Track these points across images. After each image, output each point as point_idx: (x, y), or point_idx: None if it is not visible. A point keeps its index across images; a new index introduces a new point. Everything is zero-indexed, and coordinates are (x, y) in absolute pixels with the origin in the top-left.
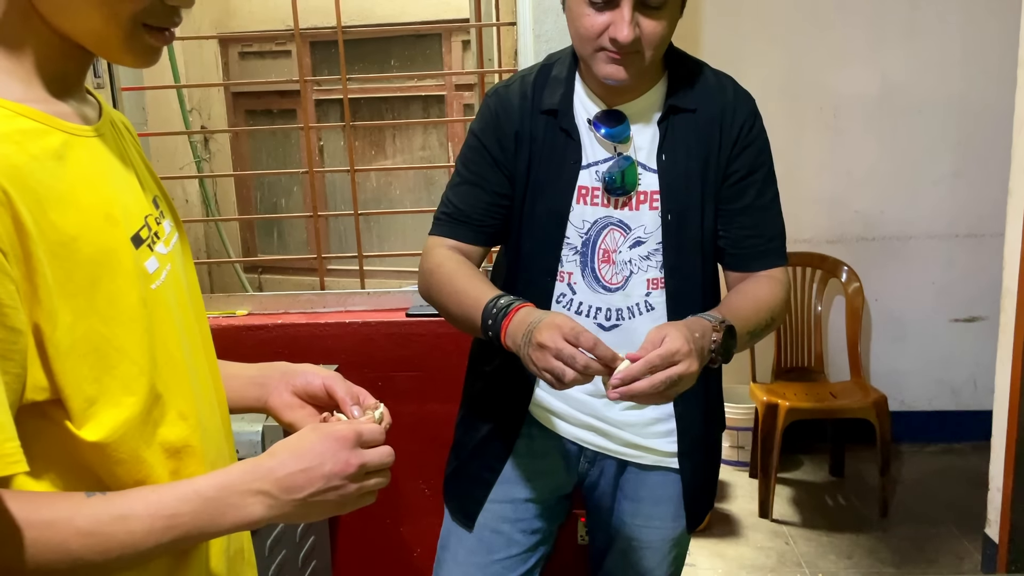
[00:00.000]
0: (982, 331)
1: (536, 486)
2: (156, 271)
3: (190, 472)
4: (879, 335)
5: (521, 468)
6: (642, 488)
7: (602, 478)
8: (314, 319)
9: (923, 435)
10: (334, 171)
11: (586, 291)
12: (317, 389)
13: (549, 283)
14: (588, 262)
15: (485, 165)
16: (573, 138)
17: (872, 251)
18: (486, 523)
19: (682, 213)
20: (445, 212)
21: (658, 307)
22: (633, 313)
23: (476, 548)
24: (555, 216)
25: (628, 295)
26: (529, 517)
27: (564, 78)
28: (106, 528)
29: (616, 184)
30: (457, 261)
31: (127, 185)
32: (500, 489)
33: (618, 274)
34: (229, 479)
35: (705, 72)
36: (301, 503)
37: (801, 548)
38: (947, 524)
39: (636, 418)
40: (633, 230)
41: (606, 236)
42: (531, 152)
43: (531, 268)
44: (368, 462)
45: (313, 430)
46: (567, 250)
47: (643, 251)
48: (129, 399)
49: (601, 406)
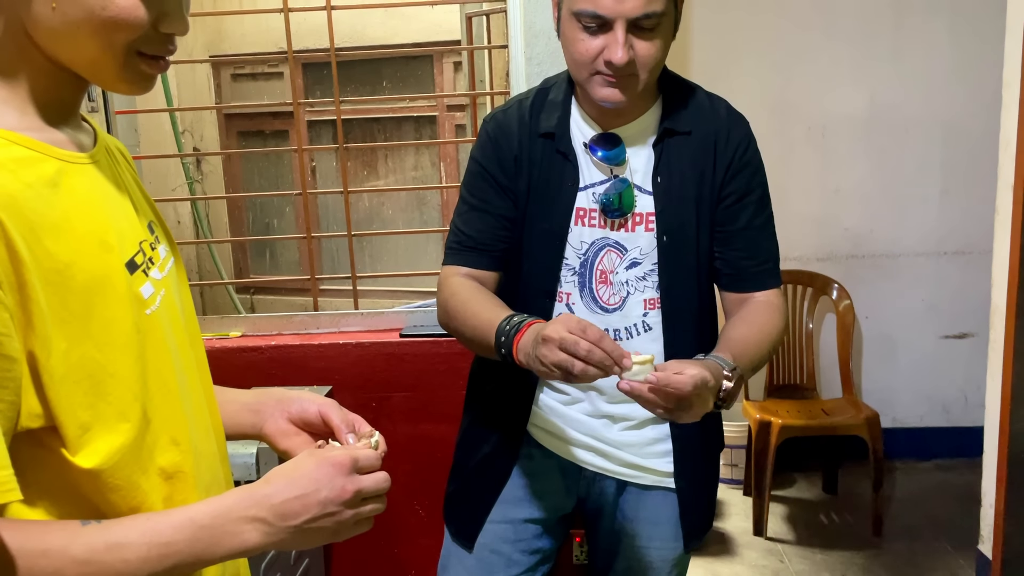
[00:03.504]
0: (972, 348)
1: (536, 506)
2: (151, 296)
3: (183, 497)
4: (870, 352)
5: (521, 488)
6: (641, 509)
7: (602, 498)
8: (308, 340)
9: (915, 452)
10: (327, 192)
11: (585, 311)
12: (313, 416)
13: (548, 304)
14: (586, 283)
15: (489, 190)
16: (570, 160)
17: (862, 269)
18: (486, 544)
19: (677, 234)
20: (456, 241)
21: (655, 327)
22: (631, 333)
23: (476, 569)
24: (554, 237)
25: (626, 315)
26: (529, 537)
27: (560, 102)
28: (101, 557)
29: (613, 206)
30: (470, 288)
31: (122, 211)
32: (500, 509)
33: (615, 295)
34: (224, 506)
35: (699, 94)
36: (297, 530)
37: (796, 566)
38: (940, 540)
39: (634, 438)
40: (629, 251)
41: (603, 257)
42: (530, 175)
43: (530, 289)
44: (364, 488)
45: (309, 456)
46: (565, 271)
47: (639, 272)
48: (123, 425)
49: (600, 426)
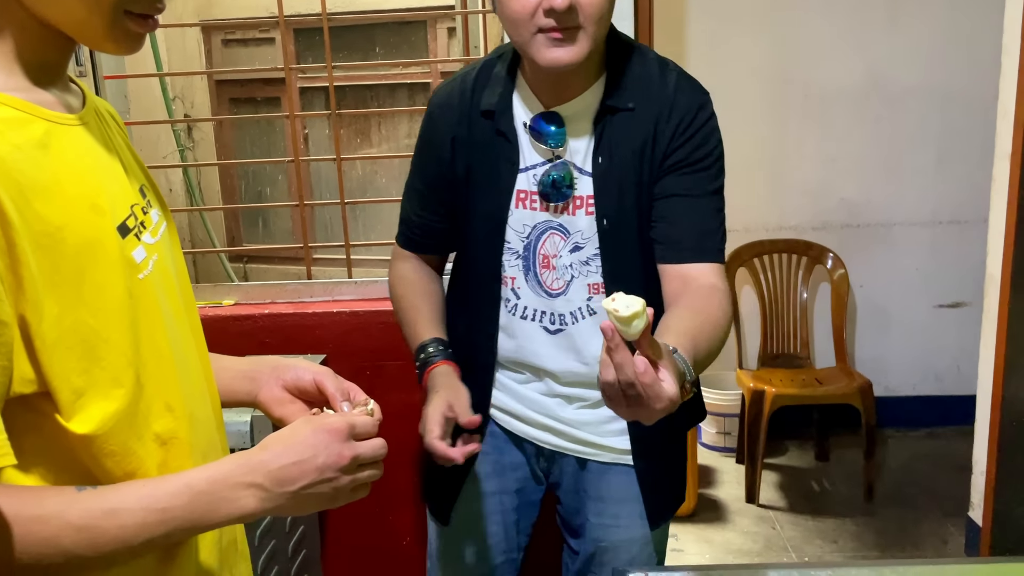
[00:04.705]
0: (966, 317)
1: (506, 481)
2: (143, 261)
3: (178, 464)
4: (864, 321)
5: (490, 464)
6: (604, 487)
7: (564, 477)
8: (301, 308)
9: (907, 420)
10: (320, 160)
11: (530, 295)
12: (307, 384)
13: (496, 287)
14: (531, 267)
15: (429, 172)
16: (510, 141)
17: (857, 238)
18: (461, 519)
19: (617, 218)
20: (402, 220)
21: (600, 312)
22: (576, 318)
23: (456, 544)
24: (494, 221)
25: (570, 300)
26: (503, 510)
27: (504, 76)
28: (97, 522)
29: (551, 189)
30: (408, 282)
31: (112, 174)
32: (471, 486)
33: (559, 279)
34: (221, 472)
35: (650, 67)
36: (294, 496)
37: (787, 533)
38: (931, 508)
39: (590, 417)
40: (572, 235)
41: (546, 241)
42: (469, 156)
43: (478, 272)
44: (361, 454)
45: (306, 423)
46: (509, 255)
47: (582, 256)
48: (117, 391)
49: (555, 406)
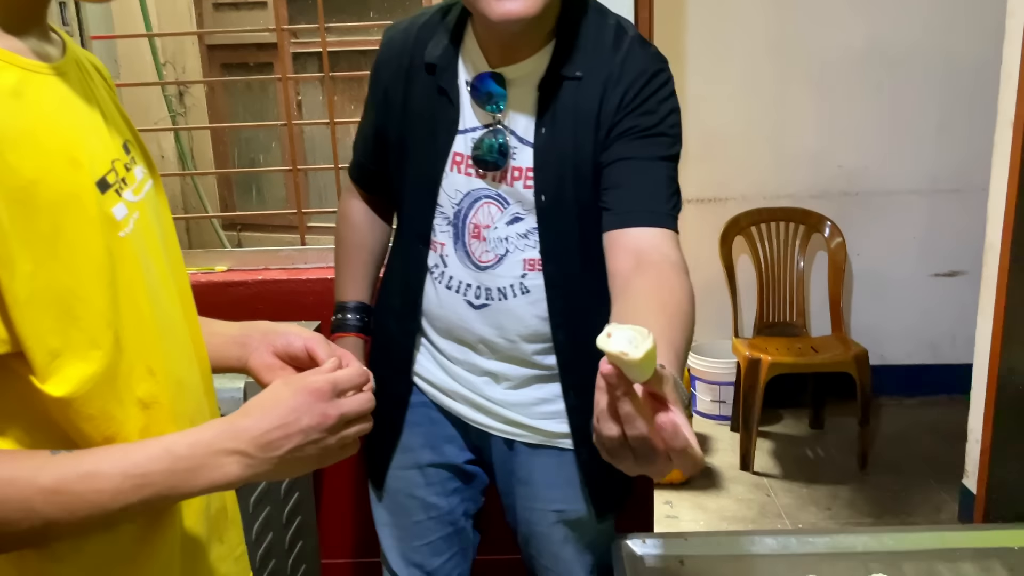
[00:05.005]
0: (962, 286)
1: (441, 452)
2: (124, 218)
3: (160, 429)
4: (860, 290)
5: (421, 435)
6: (535, 470)
7: (493, 458)
8: (295, 275)
9: (901, 389)
10: (312, 123)
11: (457, 265)
12: (299, 351)
13: (422, 251)
14: (460, 235)
15: (372, 113)
16: (451, 100)
17: (855, 206)
18: (399, 489)
19: (557, 194)
20: (353, 152)
21: (534, 291)
22: (505, 294)
23: (396, 514)
24: (427, 181)
25: (499, 275)
26: (441, 480)
27: (451, 30)
28: (72, 487)
29: (483, 157)
30: (351, 226)
31: (92, 127)
32: (404, 456)
33: (489, 252)
34: (203, 438)
35: (607, 33)
36: (280, 460)
37: (782, 500)
38: (925, 475)
39: (519, 398)
40: (511, 206)
41: (478, 210)
42: (405, 108)
43: (407, 232)
44: (347, 412)
45: (285, 384)
46: (440, 219)
47: (521, 229)
48: (95, 352)
49: (482, 384)
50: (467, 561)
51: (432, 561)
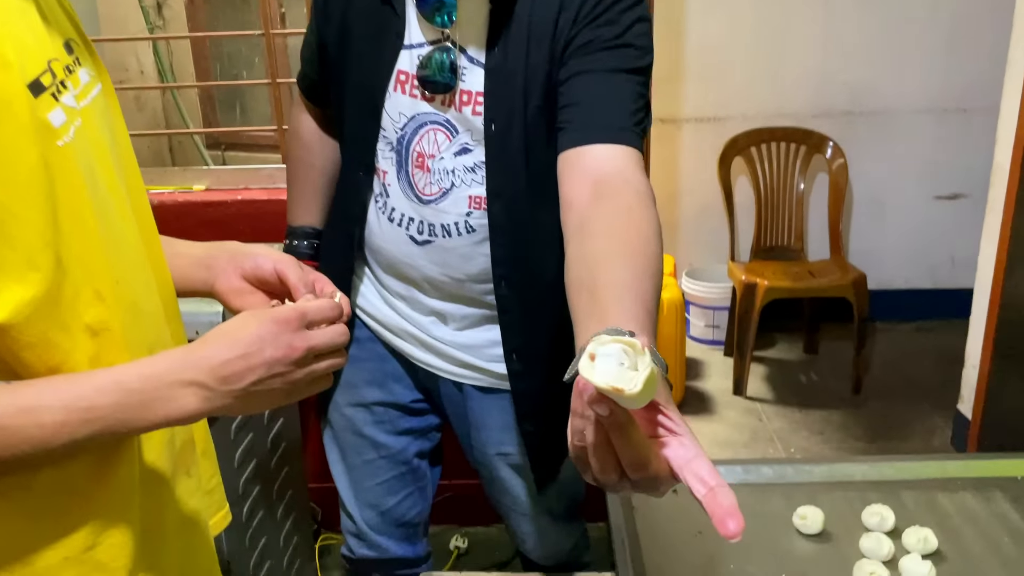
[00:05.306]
0: (964, 209)
1: (389, 390)
2: (63, 126)
3: (112, 358)
4: (860, 213)
5: (367, 372)
6: (488, 414)
7: (443, 400)
8: (276, 195)
9: (898, 314)
10: (292, 32)
11: (400, 196)
12: (268, 274)
13: (366, 179)
14: (403, 164)
15: (314, 19)
16: (395, 10)
17: (858, 126)
18: (345, 427)
19: (507, 122)
20: (301, 62)
21: (479, 231)
22: (449, 232)
23: (346, 452)
24: (368, 101)
25: (442, 211)
26: (391, 419)
27: None
28: (12, 421)
29: (431, 77)
30: (302, 144)
31: (25, 23)
32: (349, 393)
33: (433, 184)
34: (156, 369)
35: None
36: (243, 393)
37: (774, 424)
38: (919, 401)
39: (468, 339)
40: (460, 134)
41: (423, 137)
42: (346, 16)
43: (350, 158)
44: (316, 345)
45: (252, 315)
46: (383, 144)
47: (469, 161)
48: (34, 275)
49: (428, 323)
50: (425, 499)
51: (387, 500)
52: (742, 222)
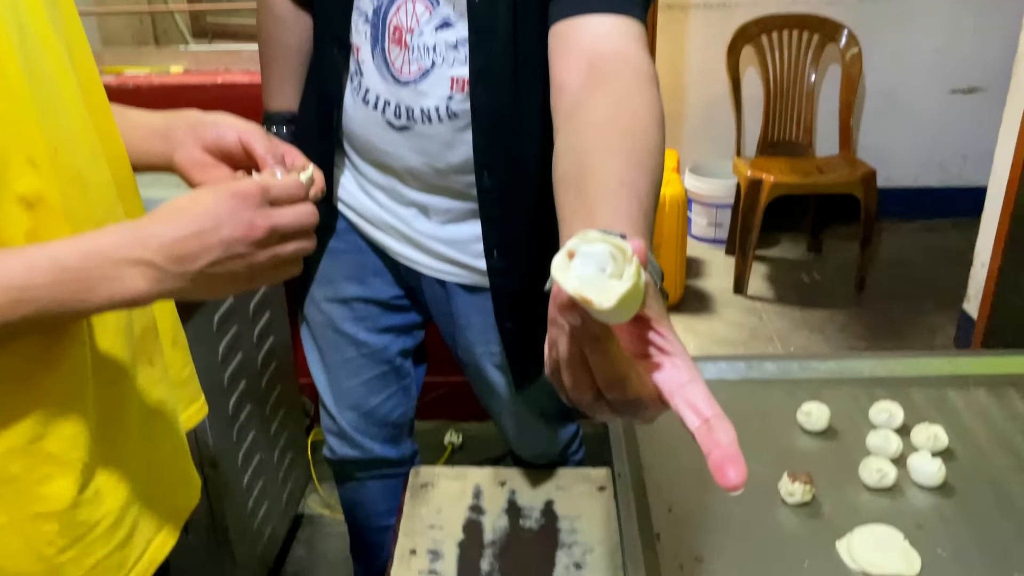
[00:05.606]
0: (980, 103)
1: (369, 285)
2: None
3: (51, 233)
4: (871, 107)
5: (345, 265)
6: (472, 313)
7: (427, 298)
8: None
9: (904, 212)
10: None
11: (375, 76)
12: (231, 144)
13: (338, 55)
14: (379, 38)
15: None
16: None
17: (873, 14)
18: (323, 323)
19: None
20: None
21: (462, 117)
22: (429, 116)
23: (325, 349)
24: None
25: (421, 93)
26: (371, 316)
27: None
28: None
29: None
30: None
31: None
32: (326, 288)
33: (412, 63)
34: (99, 246)
35: None
36: (199, 275)
37: (774, 324)
38: (922, 300)
39: (452, 234)
40: (441, 5)
41: (400, 8)
42: None
43: (322, 31)
44: (280, 224)
45: (209, 189)
46: (358, 16)
47: (451, 37)
48: None
49: (409, 216)
50: (410, 399)
51: (369, 400)
52: (749, 116)
